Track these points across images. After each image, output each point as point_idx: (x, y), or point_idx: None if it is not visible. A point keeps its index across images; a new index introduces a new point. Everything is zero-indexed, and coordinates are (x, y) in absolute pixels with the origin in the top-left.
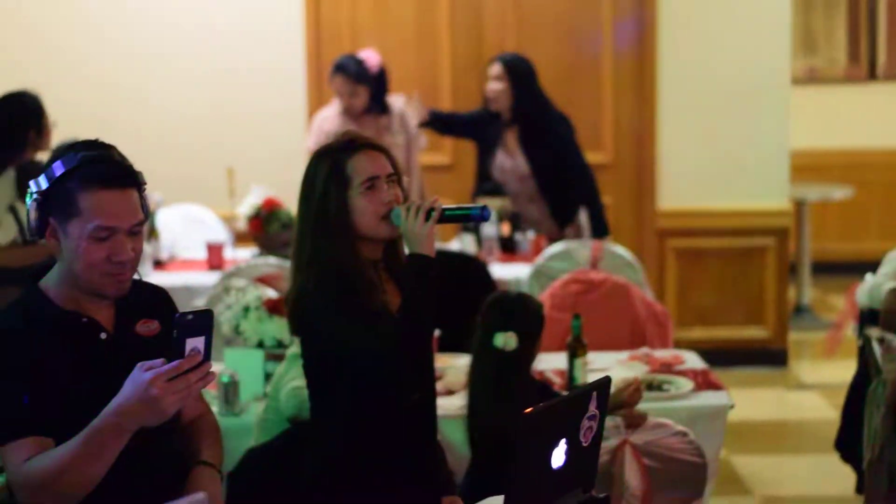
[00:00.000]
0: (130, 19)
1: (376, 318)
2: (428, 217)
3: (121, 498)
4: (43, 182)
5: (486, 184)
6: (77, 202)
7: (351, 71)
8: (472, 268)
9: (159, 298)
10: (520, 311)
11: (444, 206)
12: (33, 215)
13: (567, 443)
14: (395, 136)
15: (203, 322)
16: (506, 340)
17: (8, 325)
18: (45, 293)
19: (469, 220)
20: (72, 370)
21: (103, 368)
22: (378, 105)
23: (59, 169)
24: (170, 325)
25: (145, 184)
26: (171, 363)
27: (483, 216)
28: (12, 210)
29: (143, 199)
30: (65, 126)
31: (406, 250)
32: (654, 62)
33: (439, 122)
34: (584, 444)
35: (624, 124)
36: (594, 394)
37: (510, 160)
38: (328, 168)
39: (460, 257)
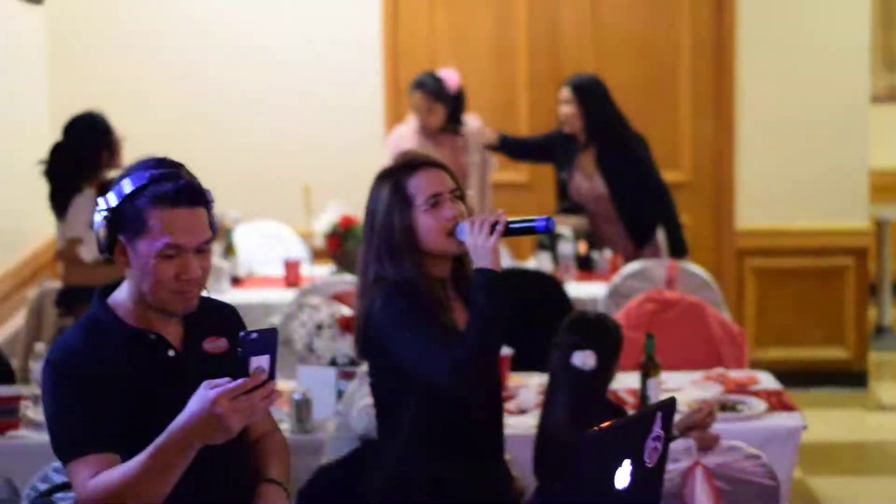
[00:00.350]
0: (212, 43)
1: (443, 335)
2: (492, 231)
3: None
4: (112, 199)
5: (565, 202)
6: (146, 220)
7: (430, 88)
8: (548, 286)
9: (227, 315)
10: (599, 330)
11: (508, 220)
12: (102, 233)
13: (632, 464)
14: (472, 155)
15: (268, 340)
16: (584, 360)
17: (76, 342)
18: (114, 310)
19: (533, 233)
20: (139, 387)
21: (171, 385)
22: (455, 124)
23: (128, 186)
24: (237, 343)
25: (213, 202)
26: (235, 381)
27: (547, 227)
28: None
29: (211, 216)
30: (148, 144)
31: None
32: (733, 80)
33: (509, 147)
34: (649, 465)
35: (702, 143)
36: (659, 414)
37: (587, 182)
38: (391, 188)
39: (536, 275)
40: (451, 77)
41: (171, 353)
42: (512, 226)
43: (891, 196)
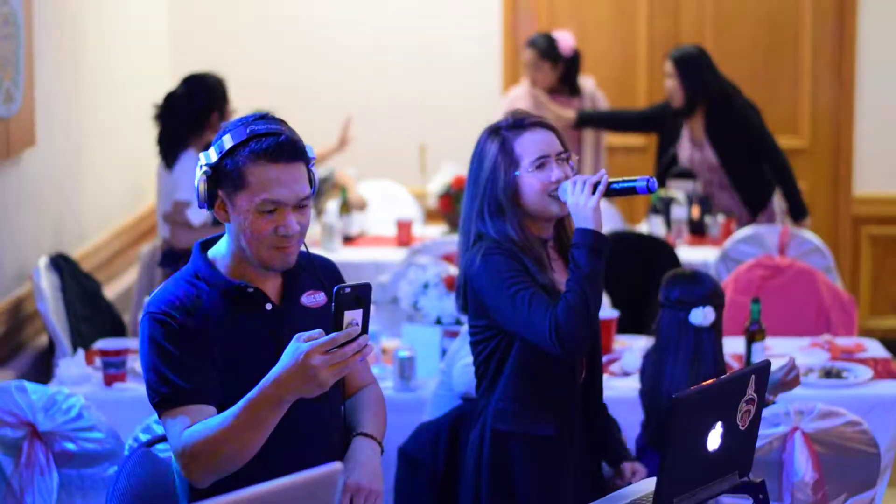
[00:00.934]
0: (327, 2)
1: (543, 296)
2: (594, 191)
3: (281, 468)
4: (213, 154)
5: (676, 167)
6: (245, 175)
7: (539, 46)
8: (661, 250)
9: (327, 270)
10: (707, 285)
11: (610, 180)
12: (202, 187)
13: (723, 426)
14: None
15: (361, 295)
16: (704, 315)
17: (175, 294)
18: (214, 263)
19: (635, 193)
20: (237, 339)
21: (268, 338)
22: (568, 87)
23: (228, 142)
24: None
25: (314, 158)
26: (328, 335)
27: (648, 188)
28: None
29: (311, 173)
30: (267, 102)
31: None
32: (854, 45)
33: (595, 122)
34: (742, 428)
35: (821, 108)
36: (752, 377)
37: (698, 152)
38: (498, 147)
39: (649, 239)
40: (565, 38)
41: (268, 306)
42: (613, 186)
43: None
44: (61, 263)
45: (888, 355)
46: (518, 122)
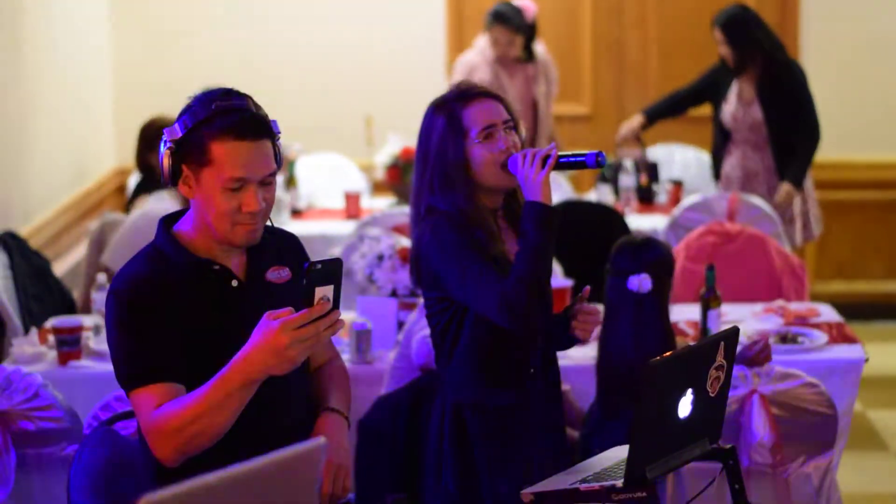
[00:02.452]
0: None
1: (494, 268)
2: (543, 164)
3: (249, 445)
4: (178, 130)
5: (719, 135)
6: (210, 152)
7: (512, 21)
8: (610, 218)
9: (290, 245)
10: (651, 253)
11: (560, 154)
12: (166, 162)
13: (694, 393)
14: (540, 85)
15: (332, 270)
16: (640, 283)
17: (141, 271)
18: (178, 240)
19: (584, 167)
20: (203, 317)
21: (234, 315)
22: (527, 54)
23: (193, 118)
24: (300, 272)
25: (279, 133)
26: (299, 311)
27: (598, 162)
28: None
29: (276, 149)
30: (210, 78)
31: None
32: (797, 11)
33: (661, 116)
34: (711, 395)
35: None
36: (722, 344)
37: (743, 109)
38: (445, 119)
39: (598, 208)
40: (528, 6)
41: (234, 283)
42: (563, 160)
43: None
44: (10, 241)
45: (841, 319)
46: (464, 93)
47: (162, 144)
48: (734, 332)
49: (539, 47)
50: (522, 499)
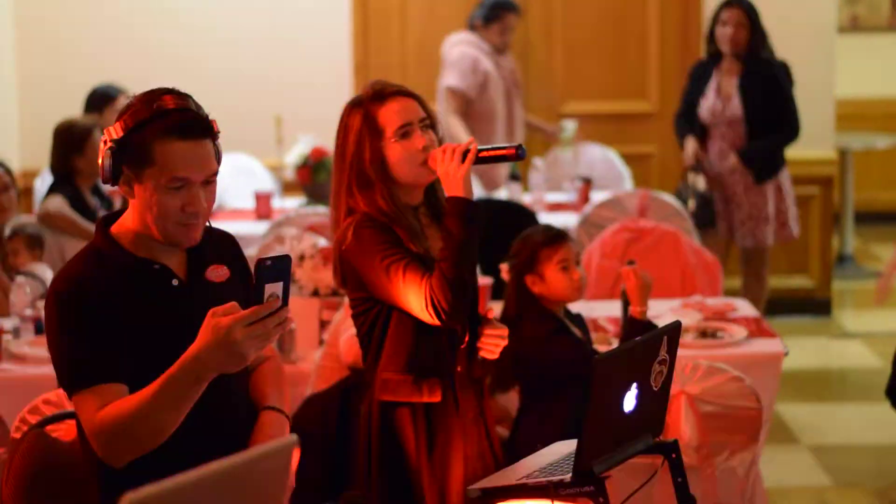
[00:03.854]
0: None
1: (418, 265)
2: (463, 159)
3: (193, 444)
4: (118, 130)
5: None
6: (152, 152)
7: (518, 10)
8: (523, 216)
9: (227, 243)
10: (518, 243)
11: (479, 147)
12: (107, 163)
13: (638, 387)
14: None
15: (282, 267)
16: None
17: (81, 272)
18: (117, 240)
19: (504, 160)
20: (144, 317)
21: (176, 314)
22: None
23: (134, 118)
24: (238, 270)
25: (219, 133)
26: (249, 308)
27: (518, 155)
28: None
29: (217, 149)
30: (117, 77)
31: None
32: (700, 11)
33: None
34: (655, 389)
35: (669, 72)
36: (665, 338)
37: (722, 103)
38: (360, 119)
39: (510, 206)
40: None
41: (175, 282)
42: (483, 154)
43: (852, 125)
44: None
45: (758, 314)
46: (379, 93)
47: (102, 144)
48: (676, 326)
49: None
50: (469, 495)
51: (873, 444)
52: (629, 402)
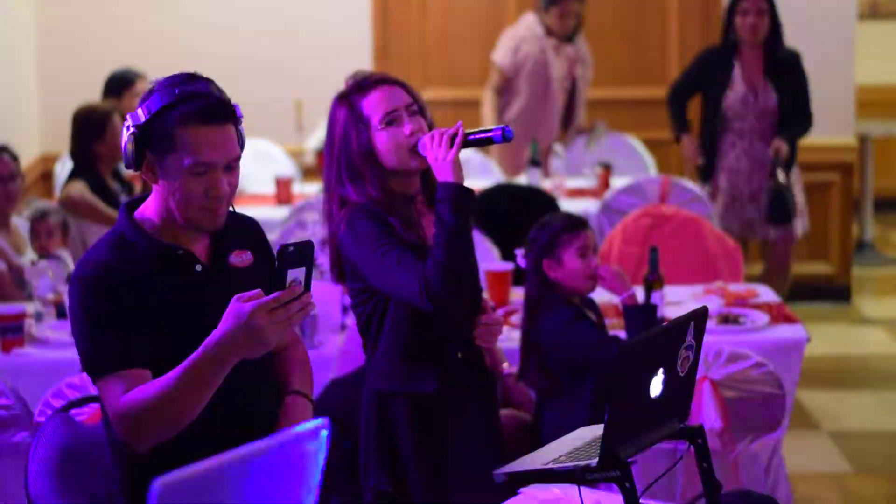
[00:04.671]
0: None
1: (410, 254)
2: (451, 143)
3: (217, 430)
4: (141, 115)
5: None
6: (174, 137)
7: None
8: (543, 202)
9: (251, 229)
10: (534, 230)
11: (466, 131)
12: (129, 148)
13: (665, 372)
14: (579, 68)
15: (304, 253)
16: (518, 257)
17: (104, 257)
18: (141, 225)
19: (491, 143)
20: (167, 302)
21: (198, 300)
22: (572, 35)
23: (156, 103)
24: (261, 256)
25: (241, 118)
26: (272, 294)
27: (504, 137)
28: None
29: (239, 133)
30: (140, 63)
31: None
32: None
33: (686, 123)
34: (681, 374)
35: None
36: (692, 324)
37: (752, 94)
38: (346, 111)
39: (531, 191)
40: None
41: (198, 267)
42: (470, 137)
43: (873, 112)
44: None
45: (779, 300)
46: (362, 83)
47: (125, 130)
48: (703, 311)
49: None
50: (495, 479)
51: (893, 431)
52: (656, 387)
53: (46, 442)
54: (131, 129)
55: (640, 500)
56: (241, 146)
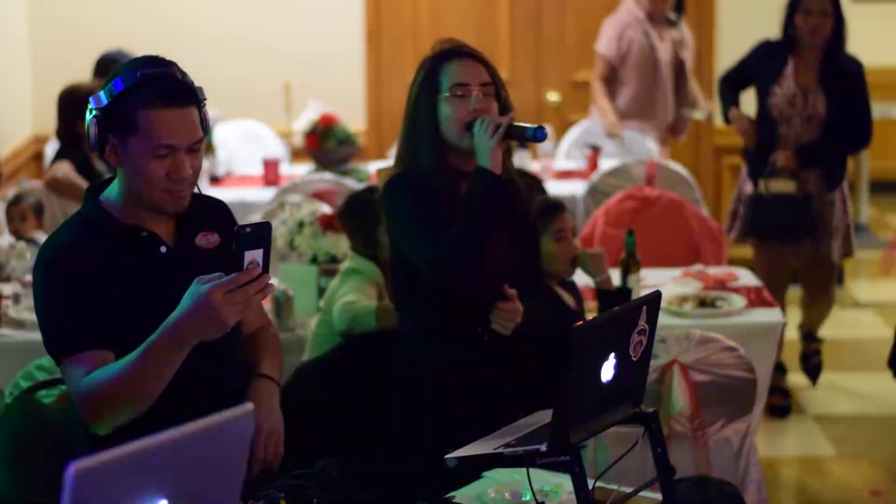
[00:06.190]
0: None
1: (435, 227)
2: (495, 131)
3: (181, 411)
4: (103, 98)
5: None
6: (137, 120)
7: None
8: (530, 184)
9: (219, 211)
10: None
11: (511, 124)
12: (93, 131)
13: (616, 357)
14: (685, 51)
15: (262, 234)
16: None
17: (68, 239)
18: (105, 207)
19: (524, 139)
20: (132, 283)
21: (163, 281)
22: (674, 18)
23: (119, 86)
24: (229, 238)
25: (205, 100)
26: (230, 276)
27: (536, 136)
28: None
29: (202, 116)
30: (126, 43)
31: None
32: None
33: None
34: (634, 359)
35: None
36: (644, 308)
37: (802, 97)
38: (424, 73)
39: (519, 173)
40: None
41: (163, 248)
42: (510, 129)
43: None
44: None
45: (759, 283)
46: (448, 51)
47: (88, 112)
48: (656, 296)
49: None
50: (447, 464)
51: (880, 415)
52: (607, 371)
53: (10, 424)
54: (94, 112)
55: (598, 484)
56: (206, 129)
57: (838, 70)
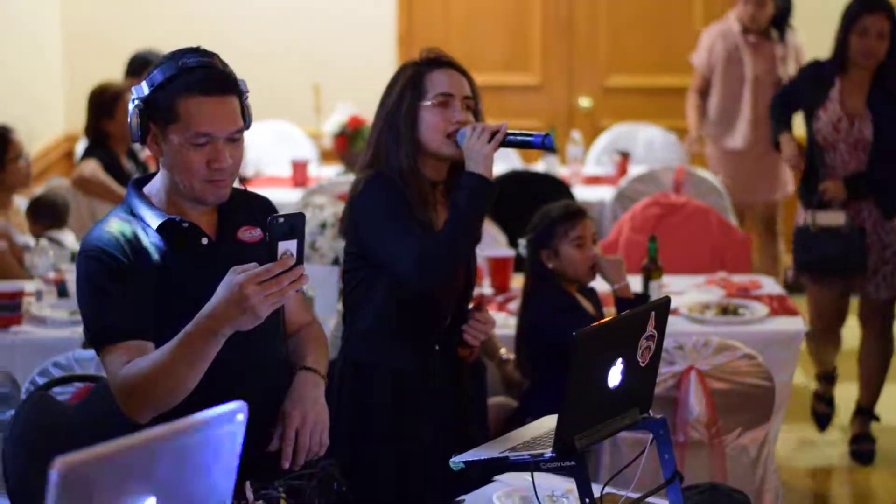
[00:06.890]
0: None
1: (414, 230)
2: (491, 138)
3: (218, 403)
4: (145, 88)
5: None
6: (177, 109)
7: None
8: (556, 189)
9: (263, 207)
10: (537, 218)
11: (508, 131)
12: (134, 122)
13: (624, 362)
14: (788, 68)
15: (295, 225)
16: (520, 246)
17: (110, 231)
18: (149, 199)
19: (530, 147)
20: (172, 274)
21: (204, 273)
22: (778, 33)
23: (159, 76)
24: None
25: (247, 93)
26: (263, 266)
27: (544, 144)
28: None
29: (244, 107)
30: (160, 44)
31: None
32: None
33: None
34: (642, 364)
35: None
36: (653, 314)
37: (849, 123)
38: (408, 77)
39: (546, 178)
40: None
41: (204, 240)
42: (510, 137)
43: None
44: None
45: (783, 292)
46: (434, 59)
47: (130, 103)
48: (665, 302)
49: (793, 32)
50: (452, 467)
51: None
52: (614, 377)
53: (23, 420)
54: (136, 102)
55: (607, 490)
56: (247, 121)
57: (888, 93)
